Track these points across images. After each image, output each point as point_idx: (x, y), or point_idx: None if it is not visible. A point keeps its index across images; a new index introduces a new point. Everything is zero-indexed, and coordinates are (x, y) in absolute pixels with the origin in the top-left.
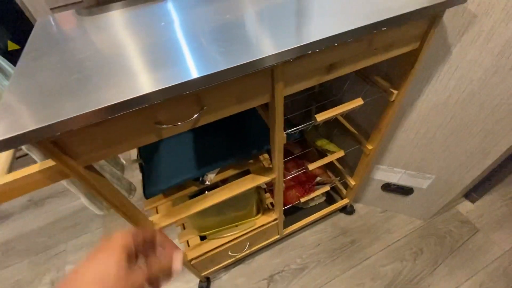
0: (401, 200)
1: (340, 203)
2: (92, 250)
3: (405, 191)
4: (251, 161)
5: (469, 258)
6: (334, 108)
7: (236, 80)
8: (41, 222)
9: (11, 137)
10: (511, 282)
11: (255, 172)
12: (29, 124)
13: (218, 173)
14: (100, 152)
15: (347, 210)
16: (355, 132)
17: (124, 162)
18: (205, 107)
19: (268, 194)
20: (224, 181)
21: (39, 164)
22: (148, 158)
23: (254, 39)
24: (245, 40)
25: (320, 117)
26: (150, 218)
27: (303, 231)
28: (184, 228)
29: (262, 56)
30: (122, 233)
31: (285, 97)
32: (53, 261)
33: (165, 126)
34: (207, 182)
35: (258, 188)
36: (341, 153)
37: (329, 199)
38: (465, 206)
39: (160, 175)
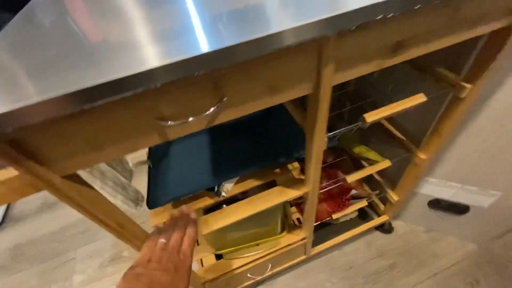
0: (451, 220)
1: (378, 220)
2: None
3: (459, 209)
4: (277, 170)
5: None
6: (388, 106)
7: (269, 58)
8: (53, 227)
9: None
10: None
11: (283, 184)
12: None
13: (236, 183)
14: (83, 157)
15: (385, 228)
16: (403, 138)
17: (132, 167)
18: (225, 98)
19: (294, 208)
20: (244, 194)
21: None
22: (157, 160)
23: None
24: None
25: (370, 117)
26: None
27: (332, 251)
28: (198, 244)
29: (309, 21)
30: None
31: None
32: (62, 269)
33: (171, 123)
34: (223, 194)
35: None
36: (386, 163)
37: (363, 214)
38: None
39: (169, 182)
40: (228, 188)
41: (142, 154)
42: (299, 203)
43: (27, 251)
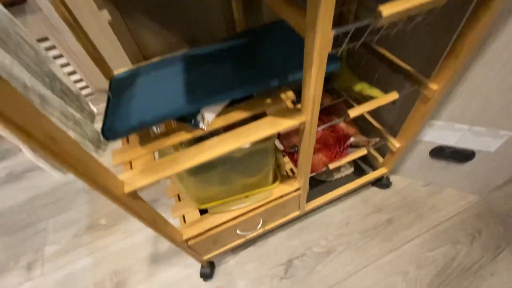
0: (453, 170)
1: (376, 173)
2: None
3: (463, 156)
4: (268, 100)
5: None
6: None
7: None
8: (20, 198)
9: None
10: None
11: (275, 115)
12: None
13: (219, 116)
14: None
15: (382, 183)
16: (411, 69)
17: (95, 110)
18: None
19: (287, 159)
20: (227, 129)
21: None
22: (120, 90)
23: None
24: None
25: (387, 9)
26: (121, 177)
27: (327, 208)
28: (179, 200)
29: None
30: None
31: None
32: (31, 241)
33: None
34: (202, 126)
35: (276, 148)
36: (393, 95)
37: (359, 170)
38: None
39: (132, 110)
40: (209, 119)
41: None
42: (292, 152)
43: None
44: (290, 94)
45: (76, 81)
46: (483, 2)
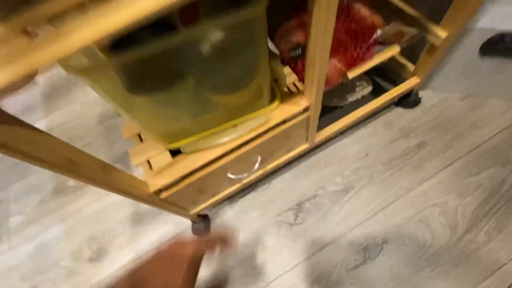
0: (504, 72)
1: (405, 85)
2: (159, 251)
3: None
4: None
5: None
6: None
7: None
8: None
9: None
10: None
11: None
12: None
13: None
14: None
15: (410, 100)
16: None
17: None
18: None
19: (288, 70)
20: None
21: None
22: None
23: None
24: None
25: None
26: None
27: (341, 139)
28: (141, 141)
29: None
30: (196, 244)
31: None
32: None
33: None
34: None
35: (271, 54)
36: None
37: (378, 89)
38: None
39: None
40: None
41: None
42: (294, 58)
43: None
44: None
45: None
46: None
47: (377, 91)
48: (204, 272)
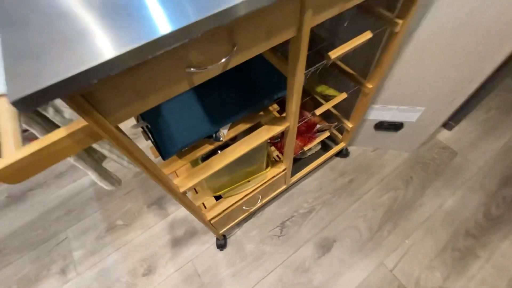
0: (391, 137)
1: (337, 147)
2: None
3: (396, 127)
4: (261, 113)
5: (451, 178)
6: (346, 43)
7: (268, 10)
8: (29, 216)
9: (39, 90)
10: (487, 192)
11: (268, 123)
12: (58, 72)
13: (230, 128)
14: (132, 106)
15: (343, 153)
16: (354, 73)
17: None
18: (235, 47)
19: (273, 148)
20: (233, 139)
21: (65, 128)
22: (153, 121)
23: None
24: None
25: (334, 54)
26: (175, 182)
27: (305, 179)
28: (196, 192)
29: None
30: None
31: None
32: (57, 250)
33: (196, 70)
34: (221, 138)
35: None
36: (343, 95)
37: (325, 146)
38: (444, 134)
39: (174, 134)
40: (224, 132)
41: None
42: (276, 143)
43: (10, 243)
44: (275, 106)
45: None
46: (391, 34)
47: (325, 147)
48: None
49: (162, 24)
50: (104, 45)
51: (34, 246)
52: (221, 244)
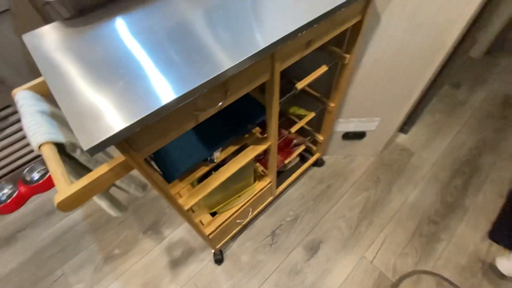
0: (357, 144)
1: (313, 158)
2: None
3: (360, 135)
4: (246, 136)
5: (411, 175)
6: (308, 76)
7: (250, 66)
8: (22, 257)
9: (107, 139)
10: (441, 183)
11: (252, 143)
12: (116, 125)
13: (221, 150)
14: (156, 143)
15: (319, 163)
16: (318, 95)
17: None
18: (228, 92)
19: (258, 164)
20: (223, 161)
21: (106, 164)
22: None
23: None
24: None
25: (300, 85)
26: (180, 201)
27: (288, 190)
28: (193, 212)
29: (272, 42)
30: None
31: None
32: (55, 287)
33: (201, 112)
34: (215, 160)
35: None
36: (312, 114)
37: (302, 158)
38: (401, 138)
39: (175, 160)
40: (217, 155)
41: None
42: (261, 159)
43: (6, 285)
44: (258, 128)
45: None
46: (343, 65)
47: (303, 159)
48: None
49: (185, 85)
50: (143, 108)
51: (32, 285)
52: (219, 259)
